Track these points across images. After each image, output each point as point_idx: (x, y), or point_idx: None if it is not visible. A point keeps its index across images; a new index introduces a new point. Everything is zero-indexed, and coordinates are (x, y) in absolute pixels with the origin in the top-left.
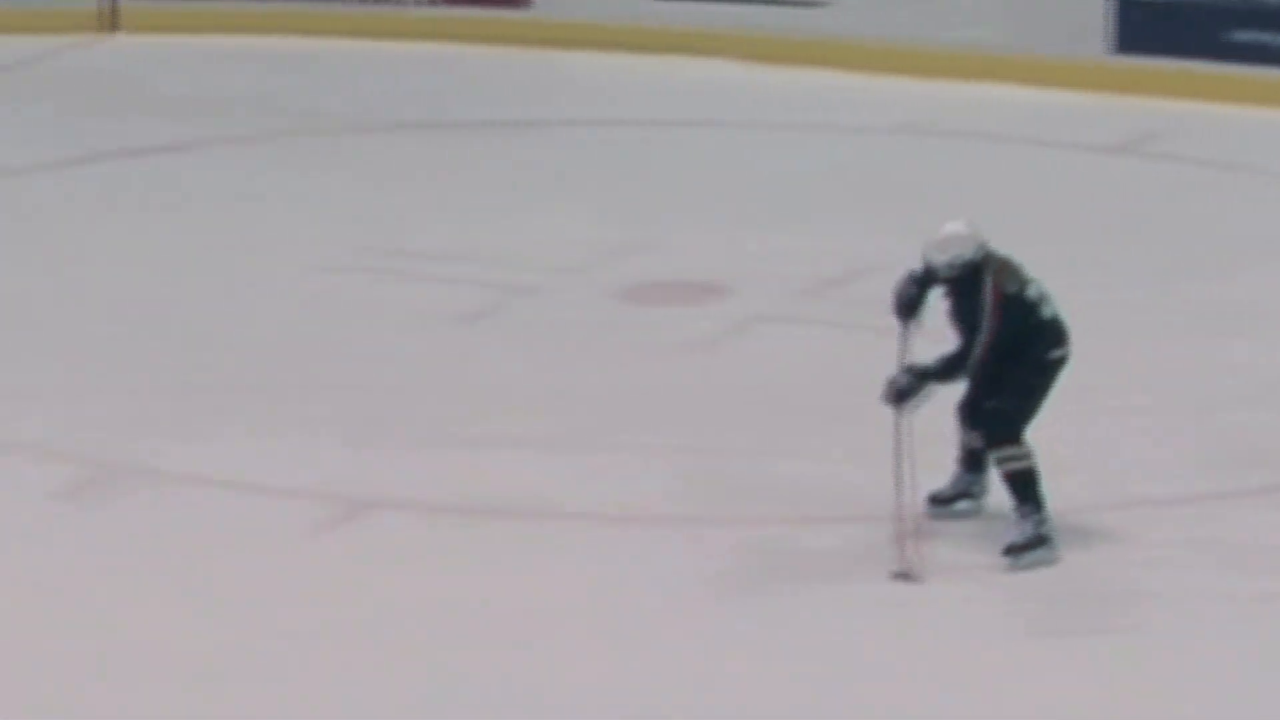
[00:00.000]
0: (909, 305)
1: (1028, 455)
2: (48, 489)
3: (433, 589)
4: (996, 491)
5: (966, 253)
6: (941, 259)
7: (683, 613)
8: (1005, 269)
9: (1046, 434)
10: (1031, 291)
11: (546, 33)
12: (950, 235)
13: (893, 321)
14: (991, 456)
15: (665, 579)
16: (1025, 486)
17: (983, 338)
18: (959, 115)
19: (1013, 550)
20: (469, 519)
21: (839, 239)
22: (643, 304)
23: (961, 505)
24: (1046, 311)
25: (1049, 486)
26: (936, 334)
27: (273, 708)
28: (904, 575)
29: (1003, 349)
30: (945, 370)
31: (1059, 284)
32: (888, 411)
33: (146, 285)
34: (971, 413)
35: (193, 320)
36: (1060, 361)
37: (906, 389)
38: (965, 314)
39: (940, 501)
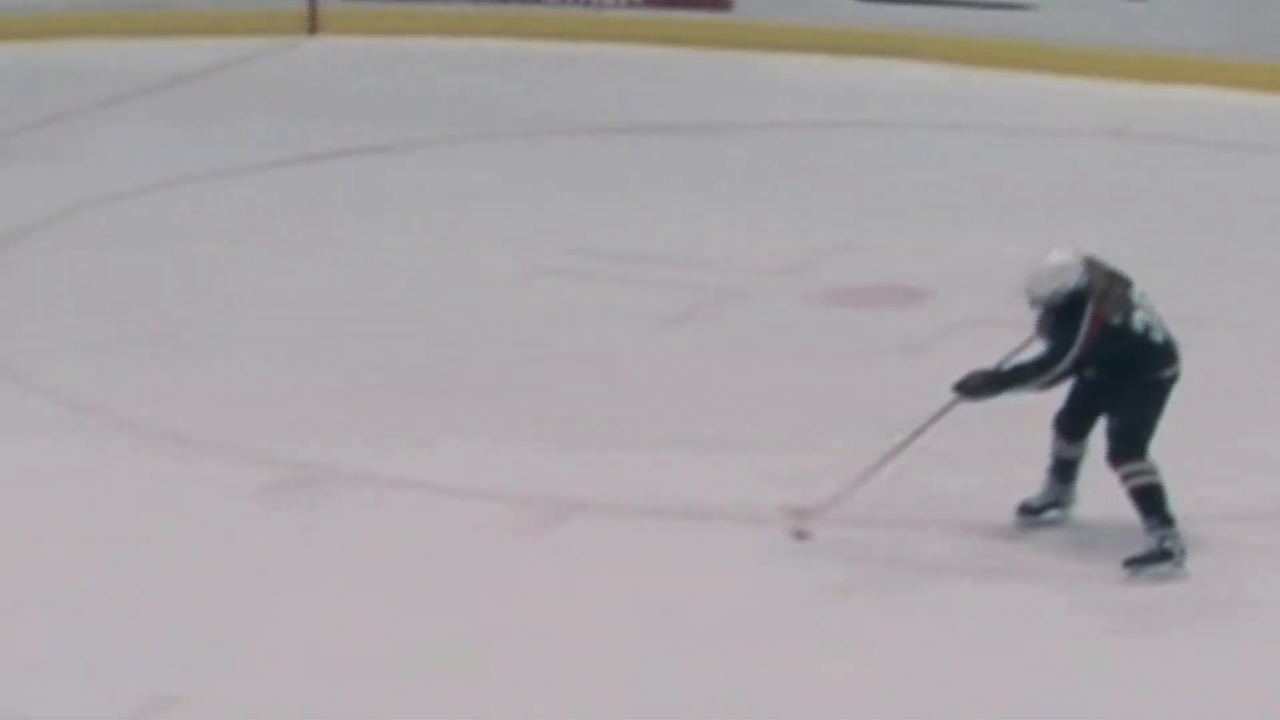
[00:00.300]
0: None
1: (1152, 470)
2: (250, 490)
3: (630, 590)
4: (1085, 502)
5: (1070, 283)
6: (1045, 291)
7: (877, 613)
8: (1108, 296)
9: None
10: (1137, 319)
11: (748, 35)
12: (1056, 266)
13: None
14: (1117, 473)
15: (860, 581)
16: (1151, 501)
17: (1069, 354)
18: (1165, 119)
19: (1134, 563)
20: (669, 521)
21: (1045, 243)
22: (846, 307)
23: (1050, 514)
24: (1156, 336)
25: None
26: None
27: (472, 707)
28: (802, 534)
29: (1103, 368)
30: (1014, 379)
31: (1267, 287)
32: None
33: (350, 287)
34: (1071, 425)
35: (396, 322)
36: (1173, 379)
37: (980, 392)
38: (1056, 330)
39: (1030, 511)
